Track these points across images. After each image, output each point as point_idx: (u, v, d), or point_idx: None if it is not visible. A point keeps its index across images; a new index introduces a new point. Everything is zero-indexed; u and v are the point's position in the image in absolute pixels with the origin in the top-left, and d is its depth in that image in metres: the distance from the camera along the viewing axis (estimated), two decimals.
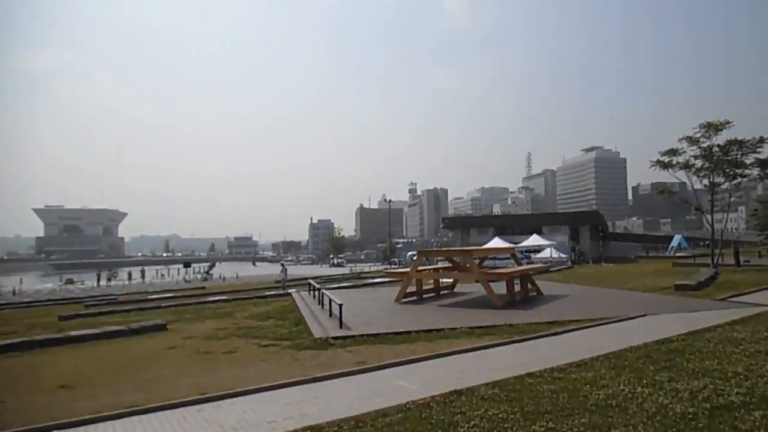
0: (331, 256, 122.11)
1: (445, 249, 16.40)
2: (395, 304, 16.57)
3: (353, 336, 11.14)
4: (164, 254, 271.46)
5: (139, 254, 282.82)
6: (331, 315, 14.06)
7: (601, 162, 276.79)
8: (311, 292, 20.66)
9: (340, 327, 12.12)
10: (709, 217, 30.25)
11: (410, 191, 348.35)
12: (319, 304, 16.84)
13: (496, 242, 53.72)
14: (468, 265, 15.94)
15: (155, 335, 13.44)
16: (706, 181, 29.60)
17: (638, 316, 12.66)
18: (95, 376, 8.49)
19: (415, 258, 16.13)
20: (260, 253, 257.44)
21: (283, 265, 38.27)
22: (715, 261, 29.27)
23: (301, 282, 37.77)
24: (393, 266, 61.73)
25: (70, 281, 69.67)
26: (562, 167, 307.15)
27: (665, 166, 29.78)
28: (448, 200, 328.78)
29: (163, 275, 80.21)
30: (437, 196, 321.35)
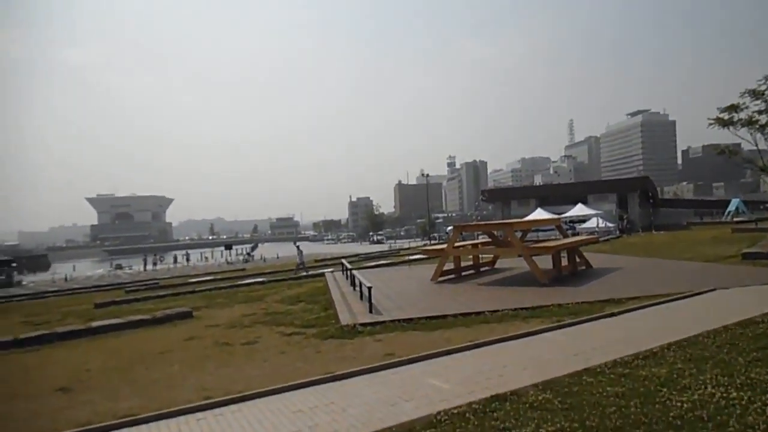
0: (371, 233, 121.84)
1: (483, 223, 15.07)
2: (432, 284, 15.49)
3: (383, 322, 10.15)
4: (209, 237, 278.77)
5: (187, 238, 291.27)
6: (362, 298, 13.11)
7: (648, 126, 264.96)
8: (344, 273, 19.80)
9: (370, 311, 11.15)
10: None
11: (449, 165, 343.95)
12: (351, 285, 15.95)
13: (539, 213, 51.61)
14: (509, 239, 14.65)
15: (179, 324, 12.85)
16: None
17: (707, 291, 11.16)
18: (99, 376, 7.80)
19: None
20: (302, 232, 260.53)
21: (298, 247, 35.14)
22: None
23: (338, 261, 37.28)
24: (432, 242, 60.51)
25: (119, 267, 71.71)
26: (607, 133, 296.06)
27: (725, 123, 27.17)
28: (488, 173, 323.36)
29: (207, 258, 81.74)
30: (476, 169, 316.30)
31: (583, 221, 51.89)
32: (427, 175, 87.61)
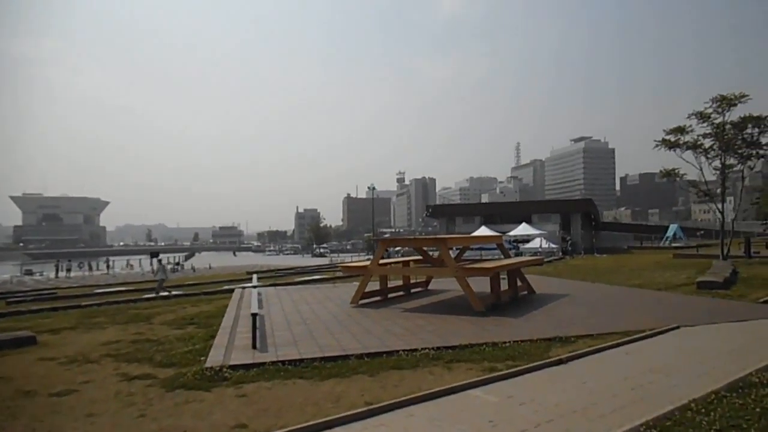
0: (315, 246, 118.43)
1: (412, 237, 12.86)
2: (350, 308, 13.01)
3: (263, 364, 7.54)
4: (145, 243, 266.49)
5: (121, 243, 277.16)
6: (254, 326, 10.47)
7: (589, 152, 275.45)
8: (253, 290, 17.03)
9: (254, 346, 8.52)
10: (719, 204, 26.96)
11: (398, 180, 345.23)
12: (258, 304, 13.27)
13: (483, 231, 50.33)
14: (442, 258, 12.41)
15: (9, 354, 9.75)
16: (716, 163, 26.30)
17: (669, 329, 9.21)
18: None
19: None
20: (245, 242, 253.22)
21: (159, 261, 27.22)
22: (725, 252, 26.08)
23: (270, 275, 34.19)
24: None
25: (29, 272, 65.37)
26: (551, 157, 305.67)
27: (672, 145, 26.39)
28: (437, 190, 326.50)
29: (132, 266, 76.25)
30: (425, 186, 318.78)
31: (527, 241, 50.97)
32: (373, 188, 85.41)
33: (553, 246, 48.15)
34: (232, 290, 19.30)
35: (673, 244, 56.10)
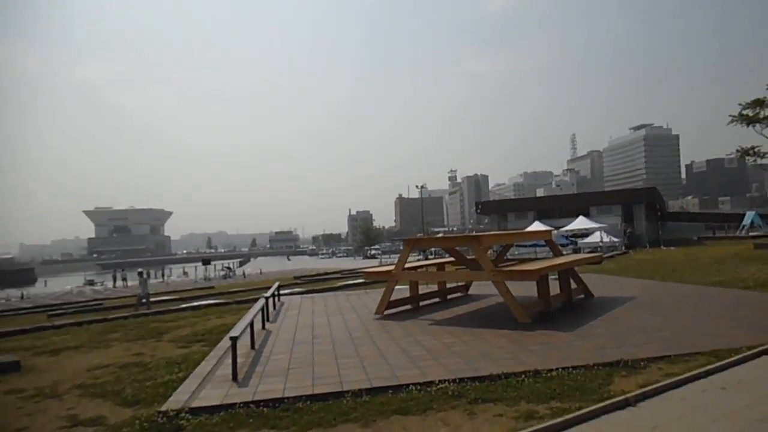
0: (366, 247, 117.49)
1: (442, 236, 10.85)
2: (372, 320, 11.28)
3: (233, 405, 5.93)
4: (206, 251, 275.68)
5: (184, 252, 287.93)
6: (253, 345, 8.92)
7: (651, 140, 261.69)
8: (277, 299, 15.63)
9: (234, 378, 6.93)
10: None
11: (450, 179, 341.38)
12: (268, 317, 11.85)
13: (536, 227, 47.36)
14: (477, 259, 10.43)
15: None
16: None
17: None
18: None
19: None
20: (300, 246, 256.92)
21: (141, 274, 23.61)
22: None
23: (311, 280, 33.00)
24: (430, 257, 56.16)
25: (90, 282, 67.80)
26: (609, 147, 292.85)
27: (750, 121, 23.20)
28: (489, 187, 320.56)
29: (186, 273, 77.92)
30: (477, 183, 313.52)
31: (586, 236, 47.59)
32: (422, 187, 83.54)
33: (615, 240, 44.61)
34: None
35: (752, 233, 51.00)
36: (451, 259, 14.91)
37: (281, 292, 23.87)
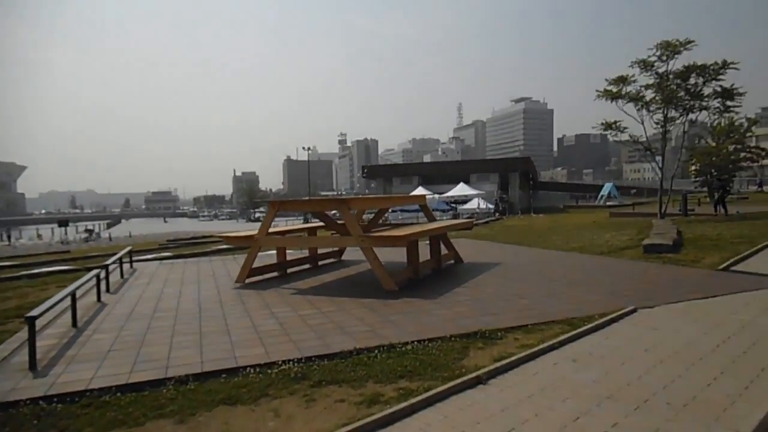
0: (252, 210, 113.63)
1: (307, 199, 10.15)
2: (231, 288, 10.27)
3: (16, 403, 4.74)
4: (70, 211, 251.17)
5: (43, 211, 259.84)
6: (75, 322, 7.55)
7: (529, 113, 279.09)
8: (130, 266, 13.90)
9: (31, 366, 5.66)
10: (659, 159, 25.67)
11: (340, 142, 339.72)
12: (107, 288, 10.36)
13: (419, 192, 48.25)
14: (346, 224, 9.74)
15: None
16: (658, 116, 24.84)
17: (624, 314, 7.06)
18: None
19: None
20: (181, 208, 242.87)
21: None
22: (663, 210, 24.97)
23: (187, 244, 30.60)
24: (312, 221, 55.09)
25: None
26: (492, 118, 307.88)
27: (614, 96, 24.68)
28: (379, 152, 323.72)
29: (41, 236, 70.04)
30: (367, 148, 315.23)
31: (465, 202, 49.43)
32: (308, 149, 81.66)
33: (491, 207, 46.83)
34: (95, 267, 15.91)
35: (608, 203, 56.26)
36: (315, 225, 14.23)
37: (145, 257, 21.75)
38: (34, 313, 5.93)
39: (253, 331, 6.88)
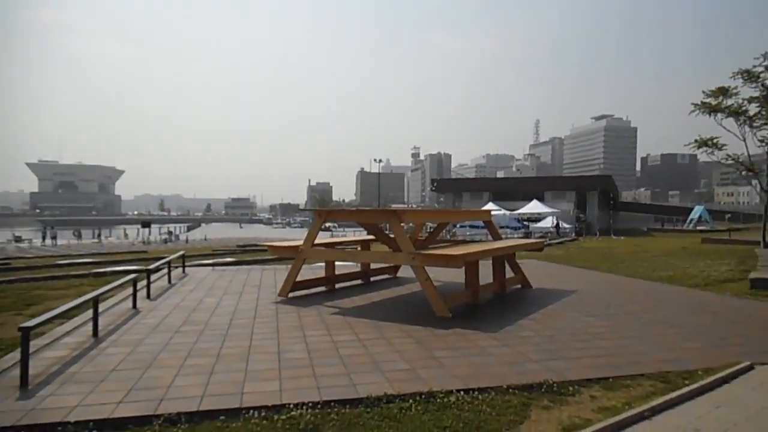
0: (288, 219, 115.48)
1: (356, 209, 9.20)
2: (270, 302, 9.47)
3: None
4: (158, 213, 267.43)
5: (135, 213, 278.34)
6: (96, 331, 6.96)
7: (611, 131, 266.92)
8: (182, 270, 13.57)
9: (22, 383, 5.01)
10: (763, 182, 22.69)
11: (413, 156, 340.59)
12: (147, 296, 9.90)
13: (489, 207, 46.41)
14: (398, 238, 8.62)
15: None
16: (764, 133, 22.01)
17: (737, 371, 5.49)
18: None
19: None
20: (257, 215, 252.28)
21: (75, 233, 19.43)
22: (766, 239, 21.98)
23: (251, 250, 30.79)
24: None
25: (18, 239, 63.41)
26: (571, 135, 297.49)
27: (712, 110, 22.15)
28: (452, 166, 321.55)
29: (127, 235, 74.35)
30: (440, 161, 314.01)
31: (538, 220, 46.99)
32: (380, 161, 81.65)
33: (566, 226, 44.10)
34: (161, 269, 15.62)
35: (699, 228, 51.63)
36: (366, 238, 13.28)
37: (205, 262, 21.72)
38: (29, 323, 5.30)
39: (274, 359, 5.94)
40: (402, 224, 8.55)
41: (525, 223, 47.47)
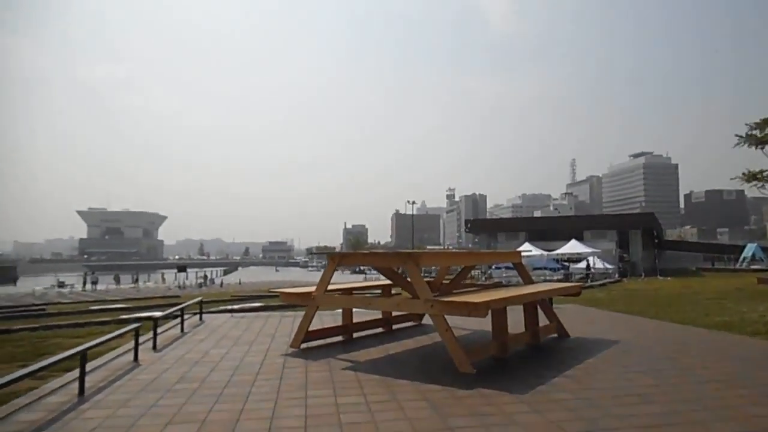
0: (304, 259, 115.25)
1: (370, 252, 8.40)
2: (279, 354, 8.75)
3: None
4: (198, 257, 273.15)
5: (176, 257, 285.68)
6: (82, 390, 6.38)
7: (650, 168, 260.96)
8: (199, 317, 13.05)
9: None
10: None
11: (448, 197, 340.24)
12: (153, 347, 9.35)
13: (526, 248, 44.82)
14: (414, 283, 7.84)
15: None
16: None
17: None
18: None
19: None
20: (294, 258, 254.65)
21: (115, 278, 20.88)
22: None
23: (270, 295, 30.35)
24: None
25: (61, 284, 65.30)
26: (609, 173, 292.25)
27: (759, 141, 20.85)
28: (488, 207, 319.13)
29: (165, 280, 75.60)
30: (476, 202, 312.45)
31: (579, 260, 45.17)
32: (413, 203, 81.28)
33: (609, 266, 42.10)
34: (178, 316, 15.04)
35: (753, 266, 48.58)
36: (382, 283, 12.52)
37: (235, 307, 21.26)
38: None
39: (265, 426, 5.18)
40: (419, 268, 7.77)
41: (565, 263, 45.71)
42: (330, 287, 9.65)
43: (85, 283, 59.61)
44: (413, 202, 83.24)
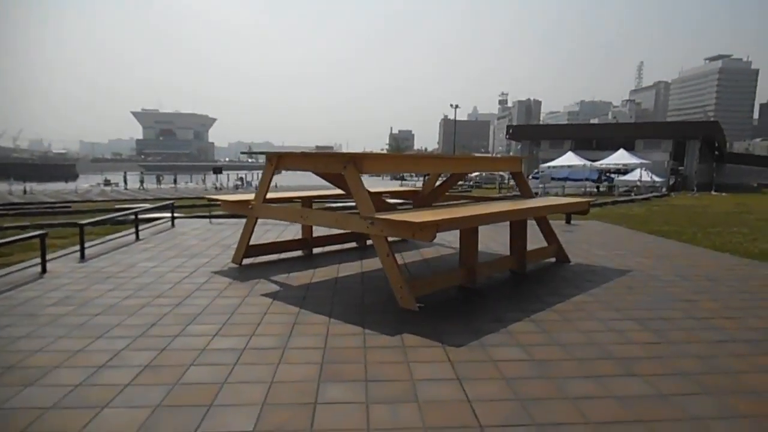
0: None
1: (304, 153, 6.81)
2: (211, 272, 7.44)
3: None
4: (247, 160, 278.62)
5: (226, 159, 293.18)
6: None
7: (726, 73, 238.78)
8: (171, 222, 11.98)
9: None
10: None
11: (500, 102, 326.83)
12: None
13: (568, 158, 41.66)
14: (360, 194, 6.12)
15: None
16: None
17: None
18: None
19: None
20: None
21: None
22: None
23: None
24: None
25: (107, 183, 67.58)
26: (679, 79, 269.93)
27: None
28: (542, 114, 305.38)
29: (205, 181, 77.19)
30: (529, 108, 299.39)
31: (627, 172, 41.81)
32: (456, 106, 77.22)
33: (658, 180, 38.71)
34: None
35: None
36: (391, 189, 10.90)
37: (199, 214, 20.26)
38: None
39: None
40: (360, 174, 6.01)
41: (610, 175, 42.48)
42: (312, 194, 8.46)
43: (126, 182, 61.10)
44: (456, 106, 79.06)
